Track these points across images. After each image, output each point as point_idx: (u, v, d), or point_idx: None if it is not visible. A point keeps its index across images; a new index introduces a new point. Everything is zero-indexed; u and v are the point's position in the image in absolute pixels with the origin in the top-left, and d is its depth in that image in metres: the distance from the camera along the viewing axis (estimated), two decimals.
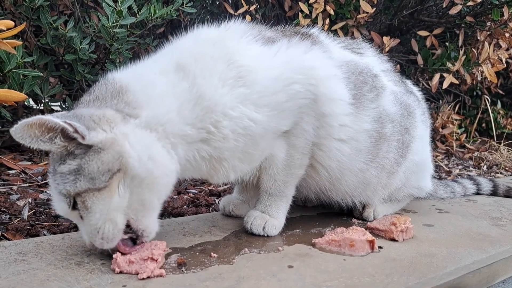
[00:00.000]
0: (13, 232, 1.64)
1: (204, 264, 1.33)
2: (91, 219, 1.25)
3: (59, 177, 1.24)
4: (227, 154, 1.48)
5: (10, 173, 2.39)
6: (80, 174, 1.22)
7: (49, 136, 1.22)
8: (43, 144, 1.22)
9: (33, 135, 1.20)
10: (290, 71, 1.51)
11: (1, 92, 1.73)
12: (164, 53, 1.57)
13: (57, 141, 1.22)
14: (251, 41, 1.55)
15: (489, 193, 2.60)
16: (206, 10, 4.31)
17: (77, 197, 1.24)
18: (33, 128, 1.19)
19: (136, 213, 1.31)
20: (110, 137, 1.26)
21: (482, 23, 3.93)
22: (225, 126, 1.43)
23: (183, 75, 1.42)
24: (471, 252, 1.57)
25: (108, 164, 1.23)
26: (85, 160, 1.23)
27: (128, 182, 1.27)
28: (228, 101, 1.43)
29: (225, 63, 1.45)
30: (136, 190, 1.29)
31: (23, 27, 1.80)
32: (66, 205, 1.26)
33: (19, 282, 1.15)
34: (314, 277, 1.27)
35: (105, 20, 2.55)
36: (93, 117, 1.27)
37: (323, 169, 1.70)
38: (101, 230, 1.26)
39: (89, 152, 1.24)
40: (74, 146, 1.24)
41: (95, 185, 1.22)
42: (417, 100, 2.04)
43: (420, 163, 1.97)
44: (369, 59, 1.89)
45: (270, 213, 1.66)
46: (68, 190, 1.23)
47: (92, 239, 1.28)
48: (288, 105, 1.52)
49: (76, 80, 2.82)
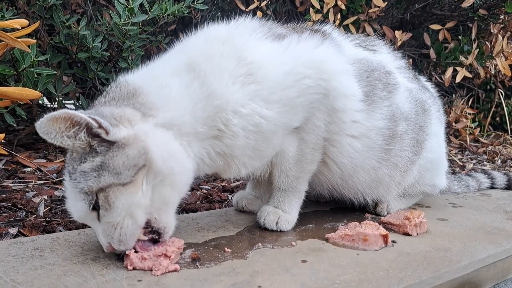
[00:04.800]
0: (30, 229, 1.67)
1: (218, 259, 1.34)
2: (112, 215, 1.23)
3: (80, 175, 1.23)
4: (237, 151, 1.48)
5: (25, 171, 2.42)
6: (104, 170, 1.22)
7: (73, 130, 1.21)
8: (67, 139, 1.21)
9: (58, 129, 1.20)
10: (300, 66, 1.51)
11: (16, 91, 1.75)
12: (174, 52, 1.57)
13: (81, 136, 1.21)
14: (261, 38, 1.54)
15: (503, 187, 2.58)
16: (217, 6, 4.31)
17: (100, 193, 1.22)
18: (58, 122, 1.19)
19: (157, 211, 1.31)
20: (132, 134, 1.26)
21: (495, 16, 3.89)
22: (235, 124, 1.43)
23: (194, 74, 1.42)
24: (486, 246, 1.56)
25: (134, 159, 1.24)
26: (109, 156, 1.23)
27: (151, 178, 1.27)
28: (239, 99, 1.43)
29: (235, 60, 1.45)
30: (158, 187, 1.29)
31: (37, 25, 1.82)
32: (85, 205, 1.23)
33: (36, 277, 1.17)
34: (327, 272, 1.27)
35: (117, 18, 2.56)
36: (114, 114, 1.28)
37: (335, 165, 1.69)
38: (119, 225, 1.24)
39: (113, 148, 1.23)
40: (96, 143, 1.24)
41: (120, 180, 1.22)
42: (432, 97, 2.02)
43: (435, 161, 1.96)
44: (383, 56, 1.88)
45: (283, 208, 1.66)
46: (91, 186, 1.21)
47: (109, 237, 1.25)
48: (299, 100, 1.51)
49: (89, 78, 2.85)
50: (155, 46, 3.37)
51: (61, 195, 2.07)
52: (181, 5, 2.79)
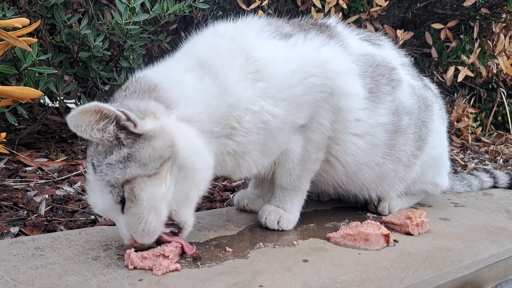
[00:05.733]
0: (31, 228, 1.67)
1: (219, 258, 1.34)
2: (137, 208, 1.24)
3: (106, 167, 1.24)
4: (250, 147, 1.49)
5: (27, 170, 2.43)
6: (130, 161, 1.23)
7: (103, 123, 1.22)
8: (96, 132, 1.22)
9: (88, 122, 1.20)
10: (306, 64, 1.52)
11: (17, 90, 1.75)
12: (184, 51, 1.57)
13: (110, 129, 1.22)
14: (268, 37, 1.55)
15: (506, 187, 2.57)
16: (219, 6, 4.30)
17: (126, 184, 1.23)
18: (88, 114, 1.20)
19: (179, 205, 1.32)
20: (159, 126, 1.27)
21: (497, 15, 3.88)
22: (247, 121, 1.45)
23: (206, 71, 1.43)
24: (488, 245, 1.55)
25: (160, 150, 1.25)
26: (136, 147, 1.24)
27: (174, 172, 1.28)
28: (249, 96, 1.44)
29: (244, 58, 1.46)
30: (181, 182, 1.30)
31: (38, 24, 1.82)
32: (112, 197, 1.24)
33: (37, 276, 1.17)
34: (329, 271, 1.27)
35: (119, 17, 2.57)
36: (139, 107, 1.29)
37: (339, 163, 1.70)
38: (143, 220, 1.25)
39: (139, 140, 1.25)
40: (123, 135, 1.24)
41: (146, 171, 1.23)
42: (434, 95, 2.03)
43: (437, 158, 1.96)
44: (387, 51, 1.89)
45: (285, 208, 1.66)
46: (117, 178, 1.22)
47: (133, 230, 1.27)
48: (305, 98, 1.52)
49: (90, 78, 2.85)
50: (156, 45, 3.37)
51: (62, 195, 2.07)
52: (183, 4, 2.79)
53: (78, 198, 2.05)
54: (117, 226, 1.33)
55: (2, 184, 2.14)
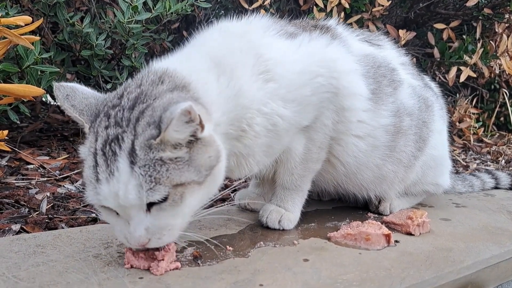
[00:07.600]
0: (32, 225, 1.67)
1: (220, 257, 1.34)
2: (176, 211, 1.16)
3: (156, 163, 1.11)
4: (256, 149, 1.47)
5: (28, 168, 2.43)
6: (189, 165, 1.16)
7: (190, 124, 1.13)
8: (184, 132, 1.14)
9: (186, 120, 1.12)
10: (313, 64, 1.51)
11: (19, 88, 1.75)
12: (196, 48, 1.51)
13: (191, 129, 1.15)
14: (275, 36, 1.53)
15: (508, 187, 2.56)
16: (221, 5, 4.30)
17: (178, 187, 1.13)
18: (186, 115, 1.11)
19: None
20: (210, 134, 1.22)
21: (500, 15, 3.87)
22: (258, 123, 1.42)
23: (221, 71, 1.38)
24: (489, 246, 1.55)
25: (212, 160, 1.20)
26: (194, 152, 1.17)
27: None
28: (261, 97, 1.42)
29: (254, 57, 1.44)
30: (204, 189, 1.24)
31: (41, 22, 1.82)
32: (147, 194, 1.10)
33: (38, 274, 1.17)
34: (329, 271, 1.27)
35: (121, 15, 2.57)
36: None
37: (340, 164, 1.70)
38: (175, 226, 1.19)
39: (196, 144, 1.18)
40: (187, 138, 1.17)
41: (199, 178, 1.17)
42: (435, 95, 2.02)
43: (438, 158, 1.95)
44: (388, 52, 1.88)
45: (286, 207, 1.66)
46: (172, 179, 1.12)
47: (151, 231, 1.15)
48: (312, 99, 1.51)
49: (92, 76, 2.85)
50: (158, 44, 3.37)
51: (64, 192, 2.07)
52: (185, 3, 2.78)
53: (79, 196, 2.05)
54: (122, 225, 1.19)
55: (4, 182, 2.14)
